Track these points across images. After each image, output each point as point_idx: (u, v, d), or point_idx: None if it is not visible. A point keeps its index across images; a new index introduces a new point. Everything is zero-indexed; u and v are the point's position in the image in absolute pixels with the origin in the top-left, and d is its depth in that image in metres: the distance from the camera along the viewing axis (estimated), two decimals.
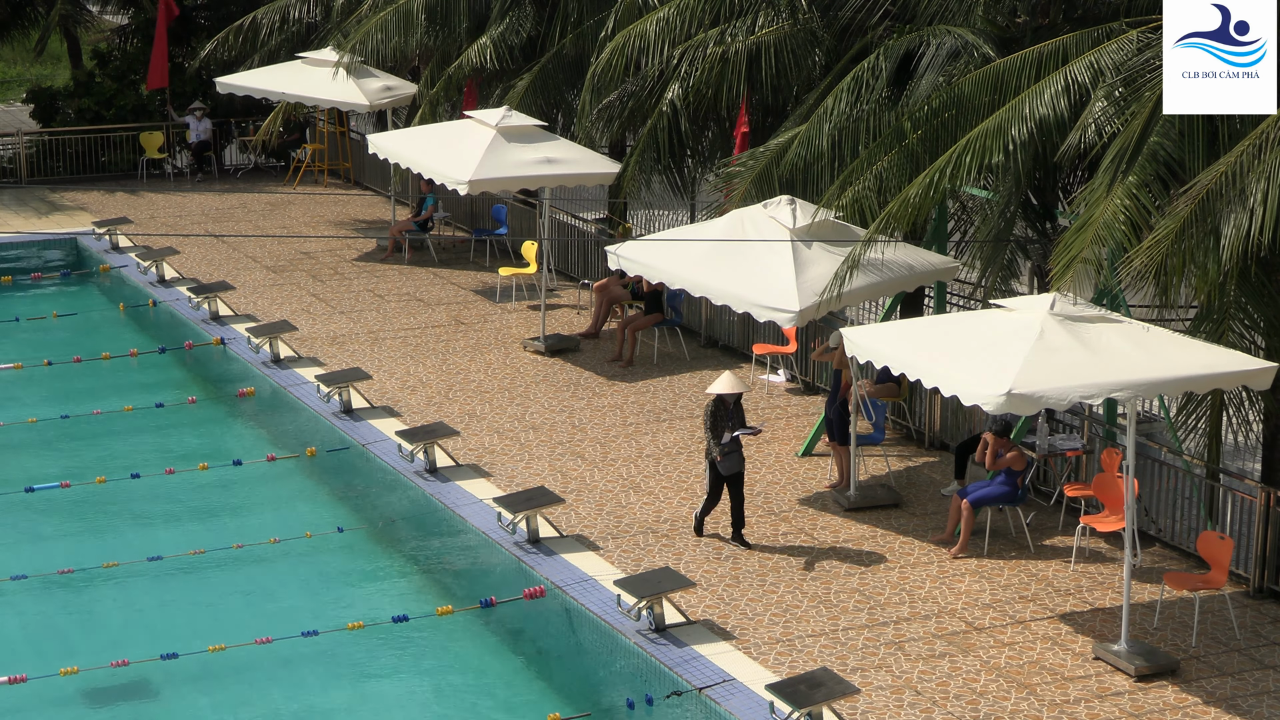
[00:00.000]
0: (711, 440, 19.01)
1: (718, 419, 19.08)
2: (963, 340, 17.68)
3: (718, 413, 19.11)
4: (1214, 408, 18.68)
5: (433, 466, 21.51)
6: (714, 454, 19.03)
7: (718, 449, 19.00)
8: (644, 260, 22.80)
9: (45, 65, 49.25)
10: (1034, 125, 19.37)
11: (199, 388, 26.10)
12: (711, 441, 19.02)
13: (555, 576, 18.49)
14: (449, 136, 28.01)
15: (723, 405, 19.15)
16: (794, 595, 18.15)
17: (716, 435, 18.97)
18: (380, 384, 24.78)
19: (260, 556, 19.96)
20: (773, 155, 23.61)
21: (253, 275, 30.87)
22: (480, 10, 32.59)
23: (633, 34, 27.02)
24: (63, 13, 40.14)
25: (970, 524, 19.21)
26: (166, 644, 17.41)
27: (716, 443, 18.96)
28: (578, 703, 16.79)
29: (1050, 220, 22.17)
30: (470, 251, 32.44)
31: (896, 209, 19.69)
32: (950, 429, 22.20)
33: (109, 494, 21.76)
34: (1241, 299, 18.14)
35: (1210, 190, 16.99)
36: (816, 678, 15.57)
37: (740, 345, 26.33)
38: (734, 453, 19.16)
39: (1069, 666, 16.68)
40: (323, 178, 39.27)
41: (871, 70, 22.57)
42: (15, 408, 24.72)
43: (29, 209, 35.69)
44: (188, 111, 38.60)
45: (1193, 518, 19.24)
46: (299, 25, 36.81)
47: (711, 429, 19.02)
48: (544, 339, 26.47)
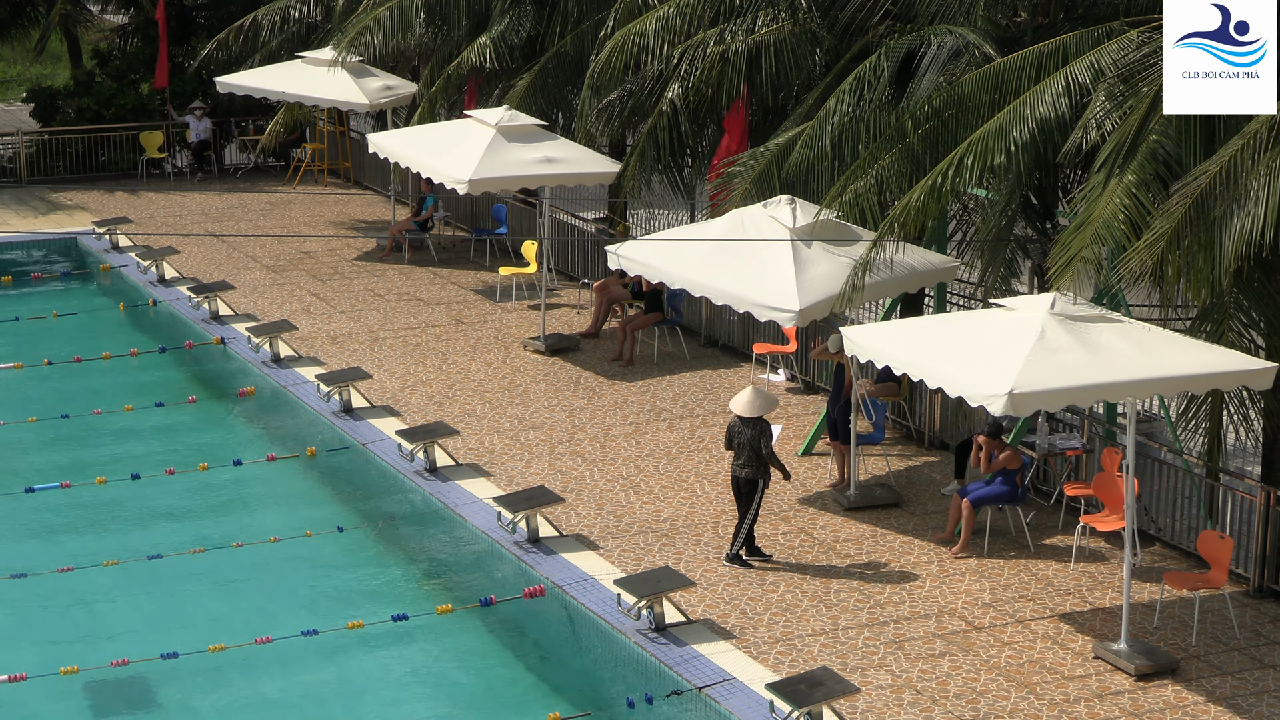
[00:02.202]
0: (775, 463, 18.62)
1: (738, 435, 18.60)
2: (963, 340, 17.68)
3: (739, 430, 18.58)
4: (1214, 407, 18.68)
5: (433, 466, 21.51)
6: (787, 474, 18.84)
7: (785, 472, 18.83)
8: (644, 260, 22.80)
9: (45, 65, 49.27)
10: (1035, 126, 19.37)
11: (199, 387, 26.10)
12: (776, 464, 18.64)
13: (555, 576, 18.49)
14: (449, 136, 28.01)
15: (741, 423, 18.61)
16: (794, 594, 18.15)
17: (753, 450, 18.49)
18: (380, 383, 24.78)
19: (260, 556, 19.96)
20: (773, 155, 23.61)
21: (253, 275, 30.87)
22: (480, 9, 32.59)
23: (632, 33, 27.01)
24: (63, 12, 40.17)
25: (971, 523, 19.22)
26: (166, 643, 17.40)
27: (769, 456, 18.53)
28: (578, 702, 16.79)
29: (1050, 220, 22.19)
30: (470, 251, 32.44)
31: (900, 213, 19.67)
32: (950, 428, 22.20)
33: (109, 494, 21.76)
34: (1241, 299, 18.15)
35: (1205, 190, 17.00)
36: (816, 677, 15.57)
37: (740, 345, 26.33)
38: (742, 460, 18.63)
39: (1069, 666, 16.68)
40: (323, 177, 39.28)
41: (873, 70, 22.57)
42: (15, 408, 24.72)
43: (29, 209, 35.69)
44: (188, 111, 38.62)
45: (1193, 517, 19.25)
46: (299, 25, 36.82)
47: (730, 444, 18.71)
48: (544, 338, 26.48)
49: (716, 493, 20.85)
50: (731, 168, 24.79)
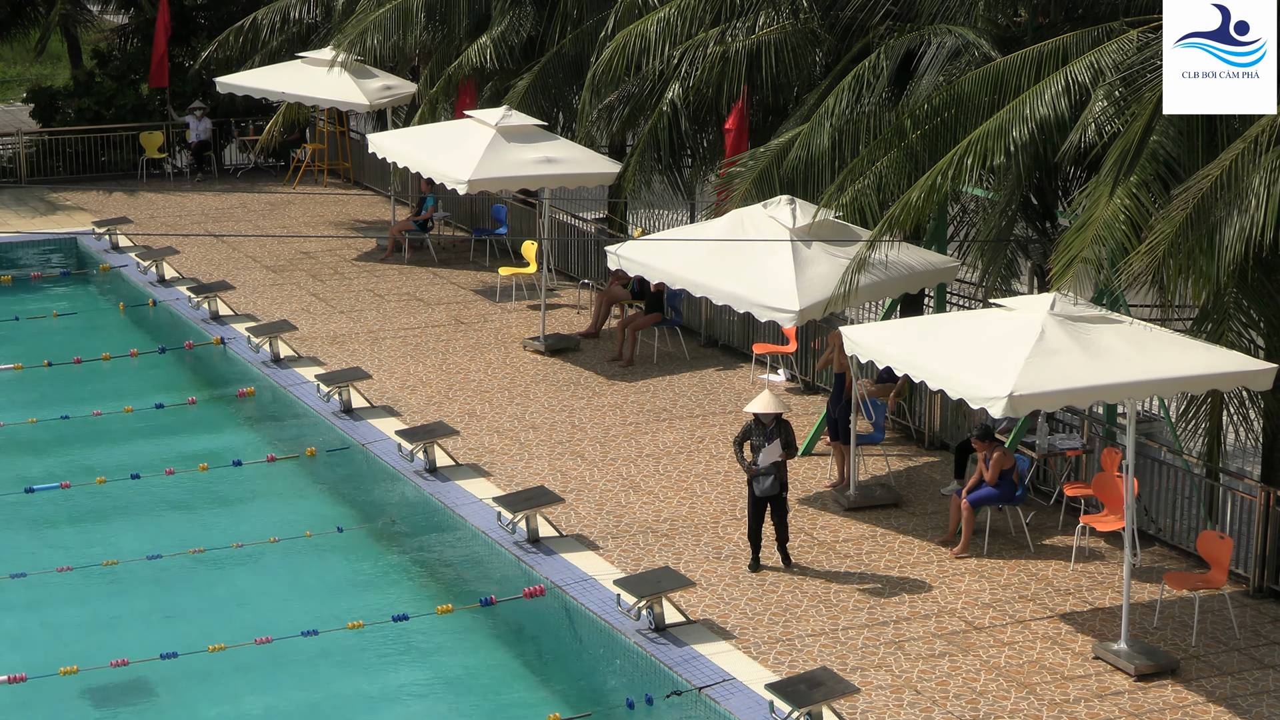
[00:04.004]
0: (739, 457, 18.66)
1: (747, 437, 18.62)
2: (964, 341, 17.66)
3: (750, 432, 18.59)
4: (1214, 408, 18.68)
5: (432, 466, 21.51)
6: (749, 470, 18.55)
7: (747, 467, 18.56)
8: (644, 260, 22.80)
9: (45, 65, 49.24)
10: (1035, 126, 19.37)
11: (199, 388, 26.10)
12: (739, 458, 18.66)
13: (555, 576, 18.49)
14: (449, 136, 28.01)
15: (758, 424, 18.56)
16: (794, 595, 18.15)
17: (740, 452, 18.60)
18: (380, 384, 24.78)
19: (260, 556, 19.96)
20: (773, 155, 23.61)
21: (253, 275, 30.87)
22: (480, 9, 32.59)
23: (633, 34, 27.01)
24: (63, 12, 40.15)
25: (971, 524, 19.22)
26: (166, 644, 17.41)
27: (739, 458, 18.61)
28: (577, 702, 16.78)
29: (1050, 220, 22.18)
30: (470, 251, 32.44)
31: (899, 211, 19.67)
32: (950, 429, 22.20)
33: (109, 494, 21.76)
34: (1241, 299, 18.14)
35: (1206, 193, 16.99)
36: (816, 677, 15.57)
37: (740, 345, 26.33)
38: (771, 476, 18.52)
39: (1069, 666, 16.68)
40: (323, 177, 39.27)
41: (872, 69, 22.58)
42: (15, 408, 24.72)
43: (29, 209, 35.68)
44: (188, 111, 38.61)
45: (1193, 517, 19.24)
46: (299, 25, 36.82)
47: (737, 443, 18.73)
48: (544, 339, 26.48)
49: (716, 493, 20.85)
50: (732, 168, 24.80)
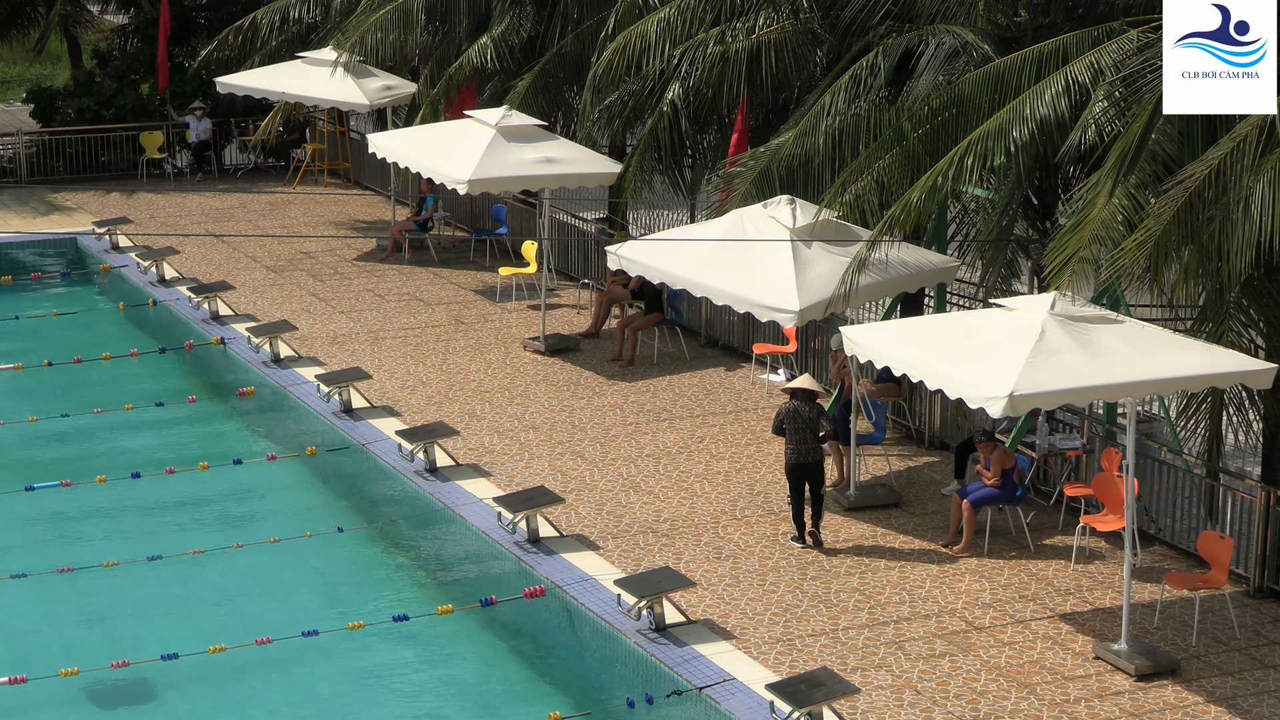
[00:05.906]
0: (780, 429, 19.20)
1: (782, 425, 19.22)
2: (964, 341, 17.67)
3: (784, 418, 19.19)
4: (1214, 407, 18.68)
5: (433, 466, 21.51)
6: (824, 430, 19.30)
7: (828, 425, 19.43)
8: (644, 260, 22.80)
9: (45, 65, 49.26)
10: (1035, 126, 19.37)
11: (199, 387, 26.10)
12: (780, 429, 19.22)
13: (555, 576, 18.49)
14: (449, 136, 28.00)
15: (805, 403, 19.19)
16: (794, 595, 18.15)
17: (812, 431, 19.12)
18: (380, 384, 24.78)
19: (260, 556, 19.95)
20: (773, 155, 23.61)
21: (253, 275, 30.87)
22: (480, 10, 32.58)
23: (633, 34, 27.01)
24: (62, 13, 40.16)
25: (972, 524, 19.22)
26: (166, 644, 17.41)
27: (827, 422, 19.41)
28: (578, 702, 16.79)
29: (1050, 220, 22.18)
30: (470, 251, 32.44)
31: (899, 212, 19.67)
32: (950, 428, 22.20)
33: (109, 493, 21.76)
34: (1241, 299, 18.14)
35: (1194, 190, 17.00)
36: (816, 677, 15.57)
37: (740, 345, 26.33)
38: (806, 445, 19.13)
39: (1069, 666, 16.68)
40: (323, 178, 39.27)
41: (869, 68, 22.57)
42: (15, 407, 24.72)
43: (29, 209, 35.69)
44: (188, 111, 38.61)
45: (1193, 517, 19.24)
46: (299, 25, 36.80)
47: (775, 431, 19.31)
48: (544, 339, 26.48)
49: (716, 493, 20.86)
50: (732, 168, 24.80)
